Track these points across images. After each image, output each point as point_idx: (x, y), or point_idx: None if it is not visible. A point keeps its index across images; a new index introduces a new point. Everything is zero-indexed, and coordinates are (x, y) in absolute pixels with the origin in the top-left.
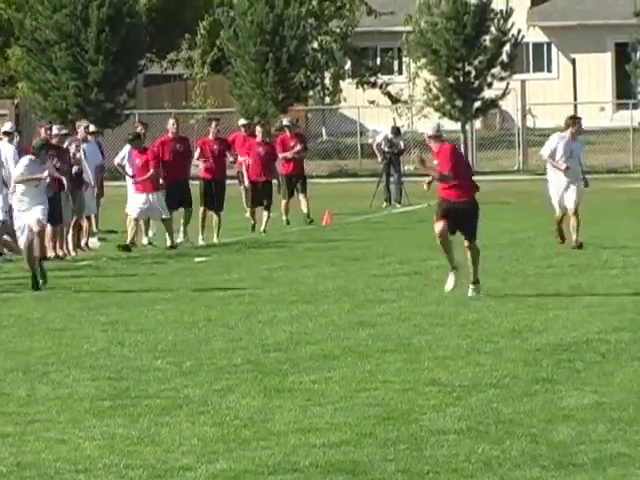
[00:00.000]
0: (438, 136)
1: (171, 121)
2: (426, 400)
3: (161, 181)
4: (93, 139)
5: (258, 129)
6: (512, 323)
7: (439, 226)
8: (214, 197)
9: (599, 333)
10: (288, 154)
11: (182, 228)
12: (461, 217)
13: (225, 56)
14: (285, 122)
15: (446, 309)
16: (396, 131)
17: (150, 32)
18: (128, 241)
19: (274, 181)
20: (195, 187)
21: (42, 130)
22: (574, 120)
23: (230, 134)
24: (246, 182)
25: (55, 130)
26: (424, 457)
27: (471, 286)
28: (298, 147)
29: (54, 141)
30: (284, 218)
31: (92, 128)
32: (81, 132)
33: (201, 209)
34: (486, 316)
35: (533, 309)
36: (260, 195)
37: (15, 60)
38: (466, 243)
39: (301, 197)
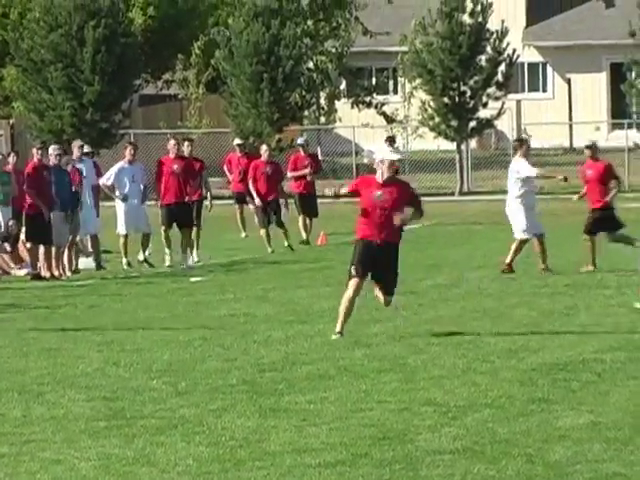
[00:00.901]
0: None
1: (172, 142)
2: (422, 420)
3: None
4: (89, 159)
5: (264, 148)
6: (508, 343)
7: None
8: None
9: (595, 353)
10: (296, 173)
11: (195, 250)
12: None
13: (220, 76)
14: (300, 141)
15: (442, 329)
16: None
17: (145, 52)
18: (125, 261)
19: (281, 200)
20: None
21: (35, 151)
22: (520, 142)
23: (226, 154)
24: (257, 201)
25: (51, 150)
26: (420, 477)
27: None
28: (307, 170)
29: (51, 161)
30: (304, 236)
31: (86, 148)
32: (76, 152)
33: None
34: (482, 336)
35: (529, 328)
36: (269, 213)
37: (10, 80)
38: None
39: (309, 220)
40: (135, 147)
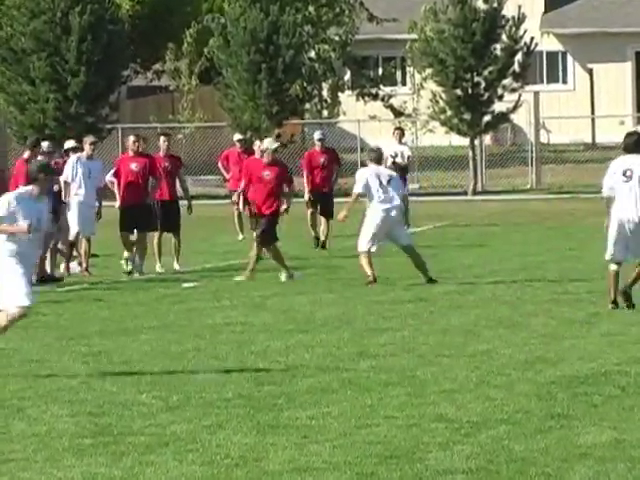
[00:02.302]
0: None
1: (131, 138)
2: (432, 437)
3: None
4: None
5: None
6: (524, 354)
7: None
8: (166, 219)
9: (618, 365)
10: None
11: (176, 260)
12: None
13: (215, 66)
14: (317, 136)
15: (454, 339)
16: (400, 134)
17: (134, 40)
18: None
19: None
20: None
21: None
22: None
23: (221, 150)
24: (240, 206)
25: (44, 147)
26: None
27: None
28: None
29: (44, 159)
30: (313, 235)
31: (71, 144)
32: (87, 149)
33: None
34: (496, 346)
35: (547, 339)
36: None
37: None
38: None
39: (322, 220)
40: (143, 140)
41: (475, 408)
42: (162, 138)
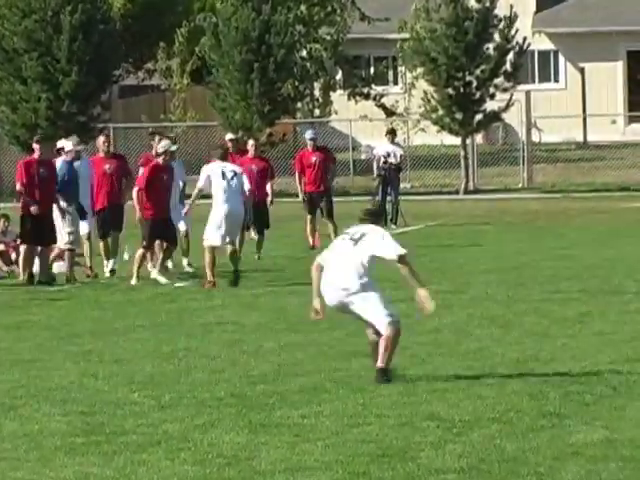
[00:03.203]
0: None
1: (101, 138)
2: (424, 436)
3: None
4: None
5: (250, 143)
6: (516, 353)
7: None
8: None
9: (611, 364)
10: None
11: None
12: None
13: (206, 65)
14: (308, 135)
15: (445, 338)
16: (392, 134)
17: (126, 40)
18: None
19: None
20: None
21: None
22: None
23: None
24: None
25: (70, 145)
26: None
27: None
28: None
29: (69, 157)
30: (310, 242)
31: (63, 143)
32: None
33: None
34: (488, 345)
35: (539, 337)
36: (253, 217)
37: None
38: None
39: (327, 220)
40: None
41: (467, 407)
42: (102, 137)
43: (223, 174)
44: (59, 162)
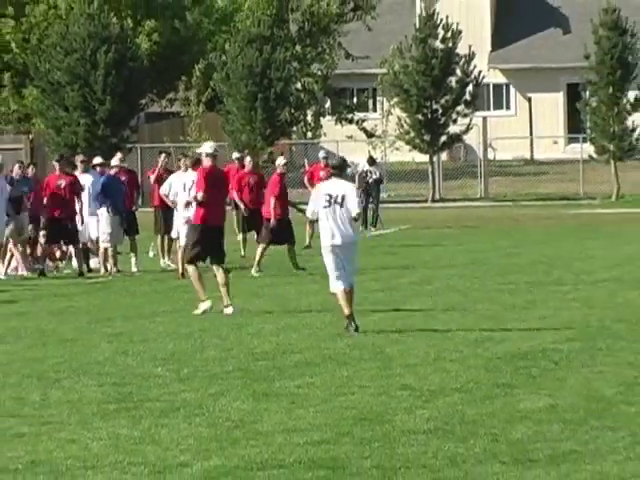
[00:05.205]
0: None
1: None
2: (398, 403)
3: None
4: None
5: (248, 160)
6: (475, 334)
7: None
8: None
9: (552, 343)
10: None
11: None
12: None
13: (218, 95)
14: (321, 154)
15: (416, 321)
16: (371, 161)
17: (151, 74)
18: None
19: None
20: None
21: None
22: None
23: (223, 166)
24: (242, 209)
25: (116, 161)
26: (396, 454)
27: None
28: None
29: (113, 171)
30: (307, 241)
31: (98, 160)
32: (81, 166)
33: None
34: (451, 328)
35: (493, 321)
36: (250, 222)
37: (31, 99)
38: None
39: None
40: (187, 158)
41: (434, 379)
42: (182, 159)
43: (184, 184)
44: (90, 175)
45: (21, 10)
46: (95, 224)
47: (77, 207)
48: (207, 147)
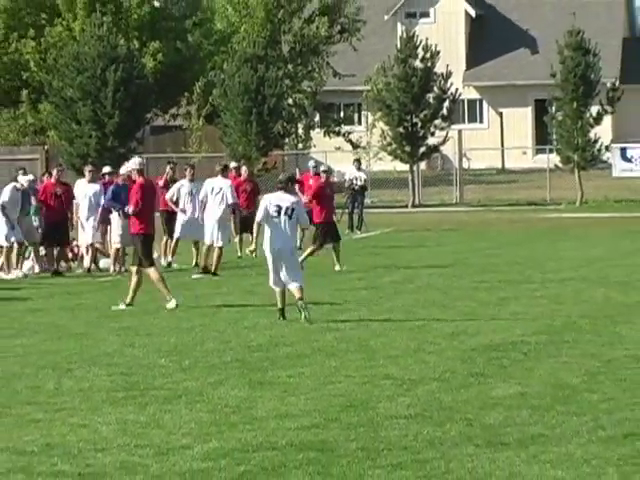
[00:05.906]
0: None
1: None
2: (381, 391)
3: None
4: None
5: (244, 169)
6: (451, 327)
7: None
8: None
9: (522, 336)
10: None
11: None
12: None
13: (217, 110)
14: (311, 164)
15: (397, 316)
16: (358, 164)
17: (156, 91)
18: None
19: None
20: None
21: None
22: None
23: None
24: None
25: (130, 167)
26: (379, 437)
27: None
28: (304, 198)
29: (120, 180)
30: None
31: (108, 169)
32: (88, 175)
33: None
34: (430, 322)
35: (468, 316)
36: (247, 225)
37: (46, 114)
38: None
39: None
40: (193, 167)
41: (414, 369)
42: (55, 169)
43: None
44: (97, 185)
45: (40, 31)
46: (91, 229)
47: (68, 213)
48: (134, 164)
